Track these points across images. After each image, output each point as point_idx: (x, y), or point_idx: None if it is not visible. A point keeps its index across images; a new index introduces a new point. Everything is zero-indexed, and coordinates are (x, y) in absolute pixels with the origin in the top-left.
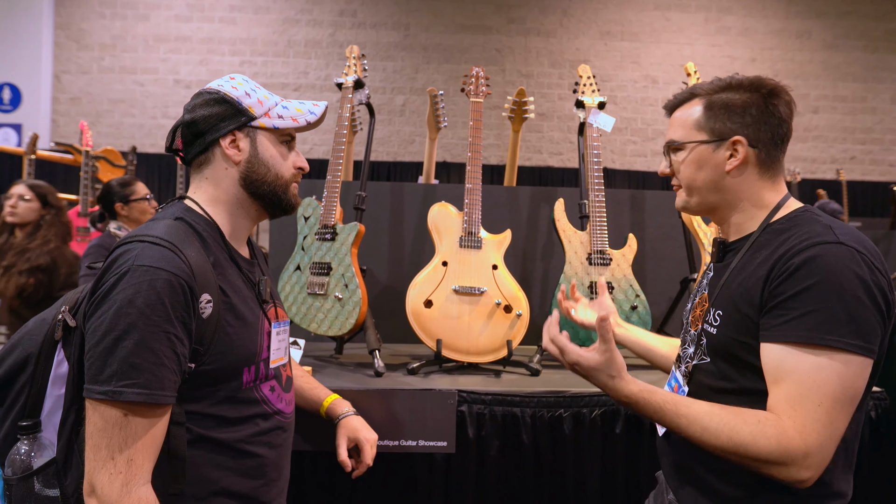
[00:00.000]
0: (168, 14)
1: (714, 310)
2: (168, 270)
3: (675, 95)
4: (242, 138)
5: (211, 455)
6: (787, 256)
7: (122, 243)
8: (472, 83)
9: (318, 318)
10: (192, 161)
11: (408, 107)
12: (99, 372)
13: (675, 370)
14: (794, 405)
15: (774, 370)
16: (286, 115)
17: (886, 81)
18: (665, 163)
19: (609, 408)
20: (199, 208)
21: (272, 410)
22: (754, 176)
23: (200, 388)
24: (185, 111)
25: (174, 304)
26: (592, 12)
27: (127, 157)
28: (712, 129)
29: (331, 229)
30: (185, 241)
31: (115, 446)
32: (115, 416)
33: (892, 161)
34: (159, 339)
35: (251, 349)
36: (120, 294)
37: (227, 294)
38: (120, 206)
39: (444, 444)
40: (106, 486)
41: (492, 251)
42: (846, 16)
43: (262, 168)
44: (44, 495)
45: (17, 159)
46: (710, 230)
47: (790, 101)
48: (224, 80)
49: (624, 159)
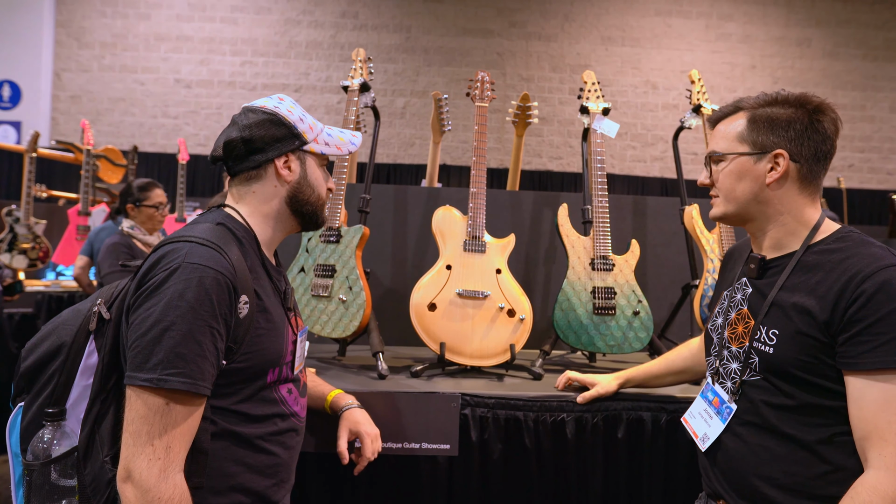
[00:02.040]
0: (169, 13)
1: (766, 328)
2: (216, 269)
3: (720, 108)
4: (294, 160)
5: (233, 448)
6: (856, 281)
7: (167, 243)
8: (477, 87)
9: (321, 320)
10: (238, 173)
11: (408, 109)
12: (145, 360)
13: (714, 384)
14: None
15: (865, 398)
16: (332, 142)
17: (885, 90)
18: (705, 173)
19: (611, 412)
20: (239, 217)
21: (289, 412)
22: (794, 190)
23: (229, 385)
24: (240, 127)
25: (220, 301)
26: (594, 17)
27: (128, 156)
28: (755, 142)
29: (335, 232)
30: (228, 244)
31: (156, 433)
32: (158, 403)
33: (890, 169)
34: (204, 333)
35: (278, 351)
36: (171, 288)
37: (260, 298)
38: (131, 208)
39: (448, 446)
40: (144, 471)
41: (495, 255)
42: (846, 24)
43: (308, 189)
44: (60, 485)
45: (17, 157)
46: (712, 237)
47: (836, 119)
48: (277, 102)
49: (623, 164)
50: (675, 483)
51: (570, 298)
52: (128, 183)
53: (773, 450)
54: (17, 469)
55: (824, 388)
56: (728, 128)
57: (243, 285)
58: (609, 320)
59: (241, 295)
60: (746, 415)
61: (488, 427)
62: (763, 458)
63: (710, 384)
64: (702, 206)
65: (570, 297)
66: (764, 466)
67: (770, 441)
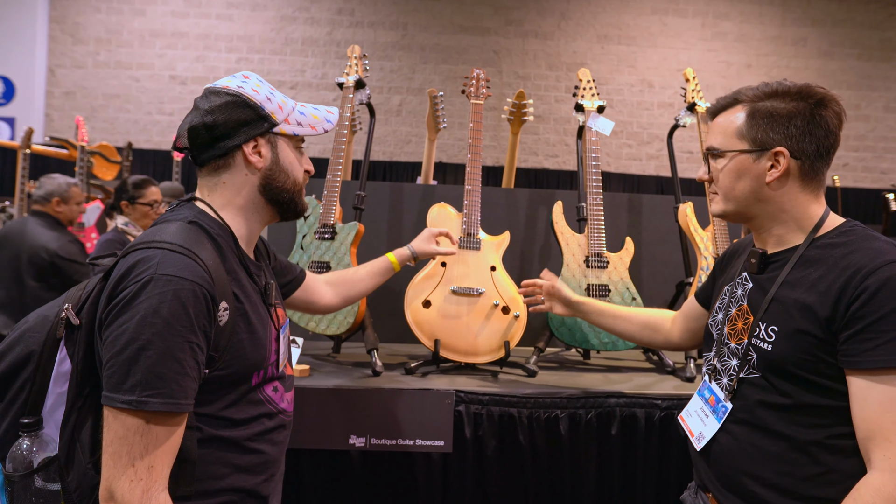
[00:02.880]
0: (164, 9)
1: (766, 325)
2: (191, 280)
3: (718, 100)
4: (264, 144)
5: (219, 453)
6: (859, 277)
7: (137, 248)
8: (472, 85)
9: (316, 317)
10: (205, 163)
11: (405, 107)
12: (122, 381)
13: (711, 382)
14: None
15: (868, 398)
16: (304, 121)
17: (880, 90)
18: (704, 169)
19: (605, 409)
20: (212, 212)
21: (276, 410)
22: (796, 188)
23: (212, 392)
24: (202, 112)
25: (197, 313)
26: (590, 16)
27: (122, 152)
28: (754, 139)
29: (330, 228)
30: (202, 247)
31: (136, 453)
32: (137, 424)
33: (884, 168)
34: (183, 349)
35: (262, 354)
36: (144, 303)
37: (240, 300)
38: (125, 204)
39: (442, 443)
40: (126, 493)
41: (490, 252)
42: (841, 24)
43: (281, 175)
44: (46, 490)
45: (10, 153)
46: (706, 234)
47: (840, 112)
48: (241, 81)
49: (619, 162)
50: (668, 479)
51: None
52: (123, 179)
53: (765, 449)
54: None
55: (822, 386)
56: (726, 121)
57: (221, 291)
58: None
59: (220, 302)
60: (741, 412)
61: (482, 424)
62: (755, 457)
63: (707, 382)
64: (696, 204)
65: None
66: (755, 465)
67: (763, 440)
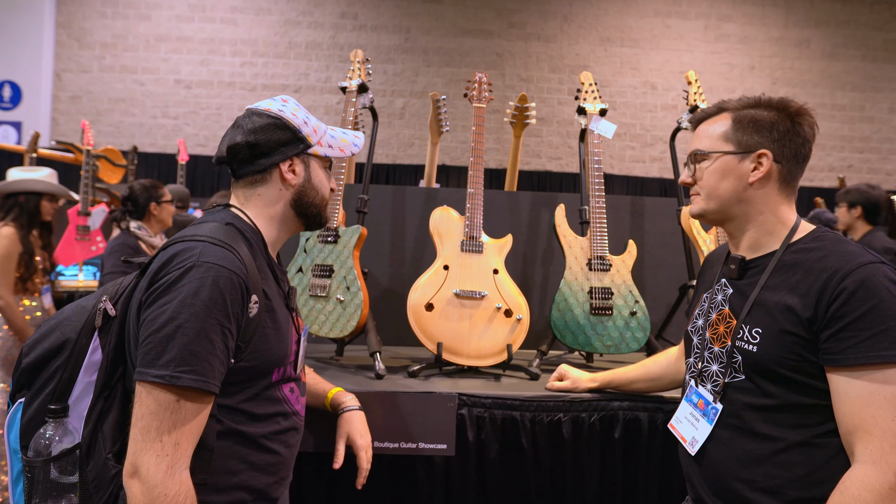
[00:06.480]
0: (169, 14)
1: (749, 327)
2: (230, 269)
3: (702, 110)
4: (299, 164)
5: (237, 447)
6: (837, 278)
7: (178, 241)
8: (474, 88)
9: (319, 320)
10: (243, 177)
11: (407, 110)
12: (157, 357)
13: (697, 386)
14: (883, 429)
15: (849, 394)
16: (335, 144)
17: (884, 91)
18: (687, 172)
19: (608, 413)
20: (246, 218)
21: (291, 411)
22: (775, 190)
23: (235, 383)
24: (245, 131)
25: (233, 301)
26: (593, 18)
27: (128, 156)
28: (739, 141)
29: (333, 232)
30: (238, 244)
31: (165, 429)
32: (169, 399)
33: (889, 170)
34: (216, 332)
35: (283, 351)
36: (186, 286)
37: (268, 297)
38: (154, 206)
39: (444, 446)
40: (152, 467)
41: (493, 256)
42: (845, 25)
43: (312, 192)
44: (60, 482)
45: (17, 157)
46: (709, 237)
47: (813, 123)
48: (281, 105)
49: (622, 165)
50: (670, 483)
51: (567, 299)
52: (139, 184)
53: (753, 452)
54: (16, 465)
55: (806, 385)
56: (711, 127)
57: (254, 285)
58: (606, 321)
59: (252, 294)
60: (728, 417)
61: (485, 427)
62: (744, 462)
63: (693, 387)
64: None
65: (568, 297)
66: (745, 470)
67: (751, 444)
